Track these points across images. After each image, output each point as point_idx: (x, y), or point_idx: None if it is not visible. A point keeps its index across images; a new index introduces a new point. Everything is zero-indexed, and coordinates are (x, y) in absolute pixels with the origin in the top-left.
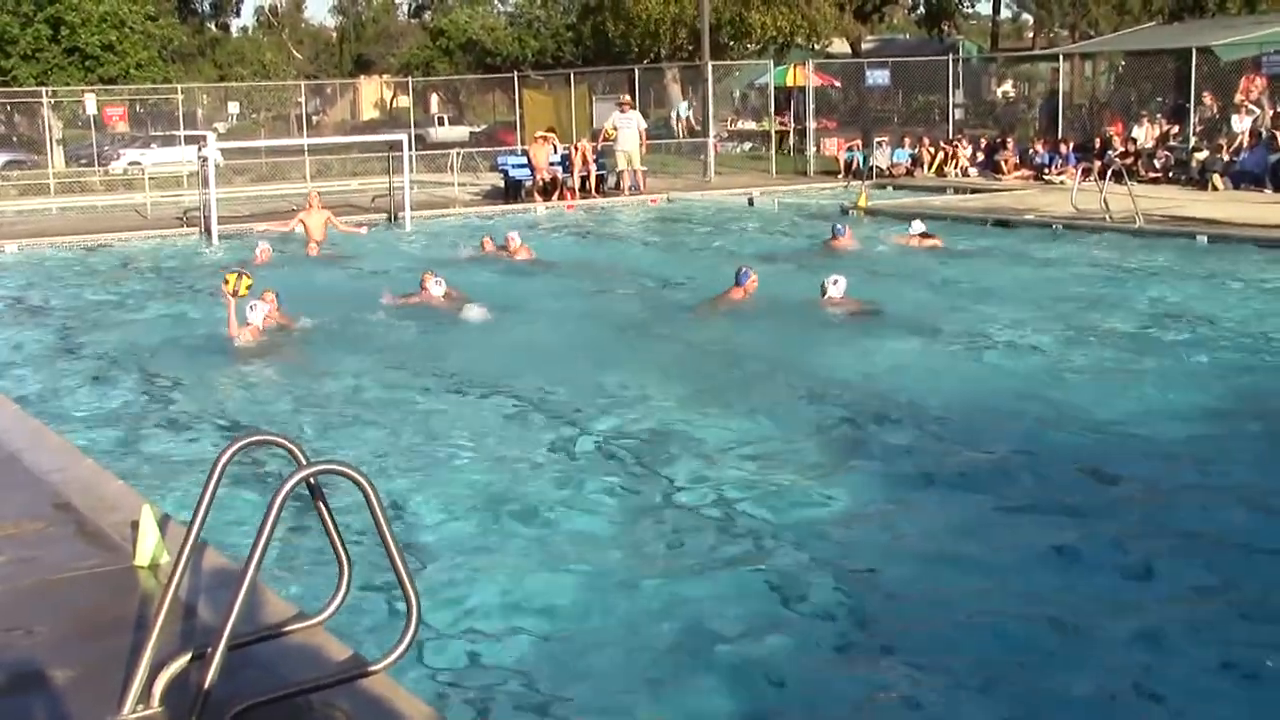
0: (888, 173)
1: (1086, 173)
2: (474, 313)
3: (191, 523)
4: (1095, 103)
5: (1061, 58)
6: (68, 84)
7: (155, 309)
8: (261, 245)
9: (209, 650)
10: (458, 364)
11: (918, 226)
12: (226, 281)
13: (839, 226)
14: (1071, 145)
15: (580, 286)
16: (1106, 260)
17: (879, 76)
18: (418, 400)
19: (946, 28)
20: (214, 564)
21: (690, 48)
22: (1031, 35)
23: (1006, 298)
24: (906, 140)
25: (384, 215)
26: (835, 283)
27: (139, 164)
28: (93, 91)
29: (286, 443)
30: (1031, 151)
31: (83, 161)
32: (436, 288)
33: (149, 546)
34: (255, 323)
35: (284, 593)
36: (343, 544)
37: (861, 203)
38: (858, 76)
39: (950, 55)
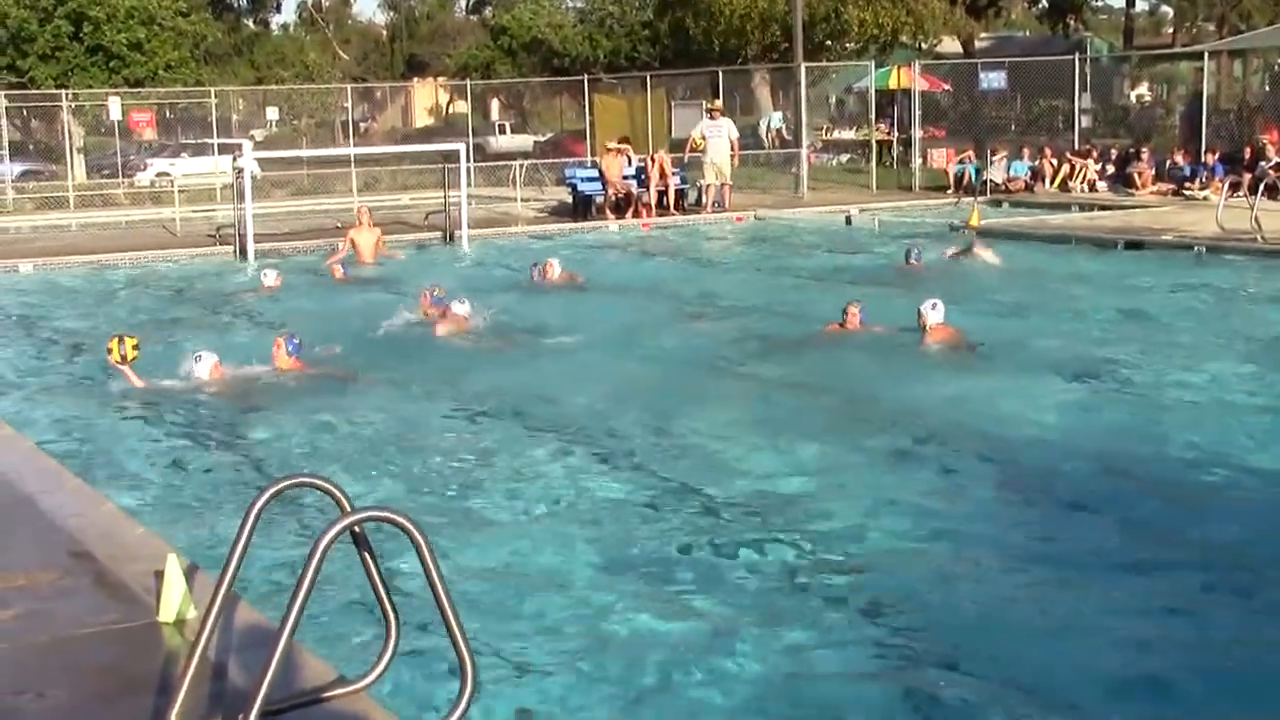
0: (1003, 188)
1: (1235, 187)
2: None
3: (222, 574)
4: (1246, 107)
5: (1206, 56)
6: (90, 86)
7: (184, 337)
8: (270, 272)
9: (240, 717)
10: (503, 399)
11: (953, 250)
12: (110, 351)
13: (915, 250)
14: (1217, 156)
15: (652, 314)
16: (1257, 288)
17: (994, 79)
18: (458, 439)
19: (1072, 23)
20: (247, 620)
21: (781, 47)
22: (1171, 30)
23: (1137, 328)
24: (1025, 151)
25: (439, 234)
26: (934, 307)
27: (168, 175)
28: (117, 95)
29: (329, 486)
30: (1170, 163)
31: (105, 172)
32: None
33: (175, 600)
34: (202, 375)
35: (324, 653)
36: (390, 600)
37: (973, 222)
38: (970, 79)
39: (1076, 54)
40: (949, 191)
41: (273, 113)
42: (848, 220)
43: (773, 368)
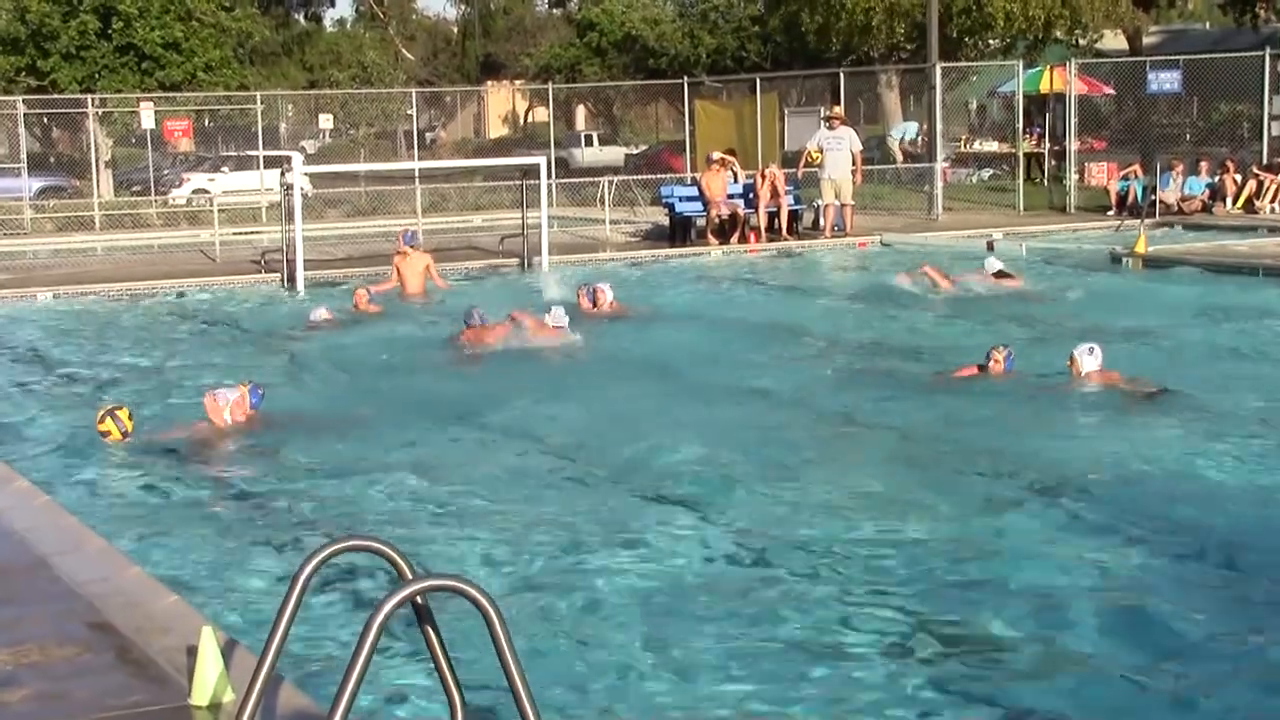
0: (1176, 208)
1: None
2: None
3: (264, 651)
4: None
5: None
6: (119, 90)
7: (222, 378)
8: (321, 307)
9: None
10: (569, 444)
11: (993, 265)
12: (107, 435)
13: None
14: None
15: (761, 355)
16: None
17: (1167, 80)
18: (522, 493)
19: (1261, 13)
20: (292, 705)
21: (911, 46)
22: None
23: None
24: (1203, 165)
25: (516, 260)
26: (1090, 352)
27: (206, 192)
28: (150, 100)
29: (388, 550)
30: None
31: (136, 189)
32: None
33: (210, 680)
34: (223, 419)
35: None
36: (455, 679)
37: (1139, 248)
38: (1137, 80)
39: (1266, 49)
40: (1110, 212)
41: (326, 121)
42: (990, 246)
43: (901, 419)
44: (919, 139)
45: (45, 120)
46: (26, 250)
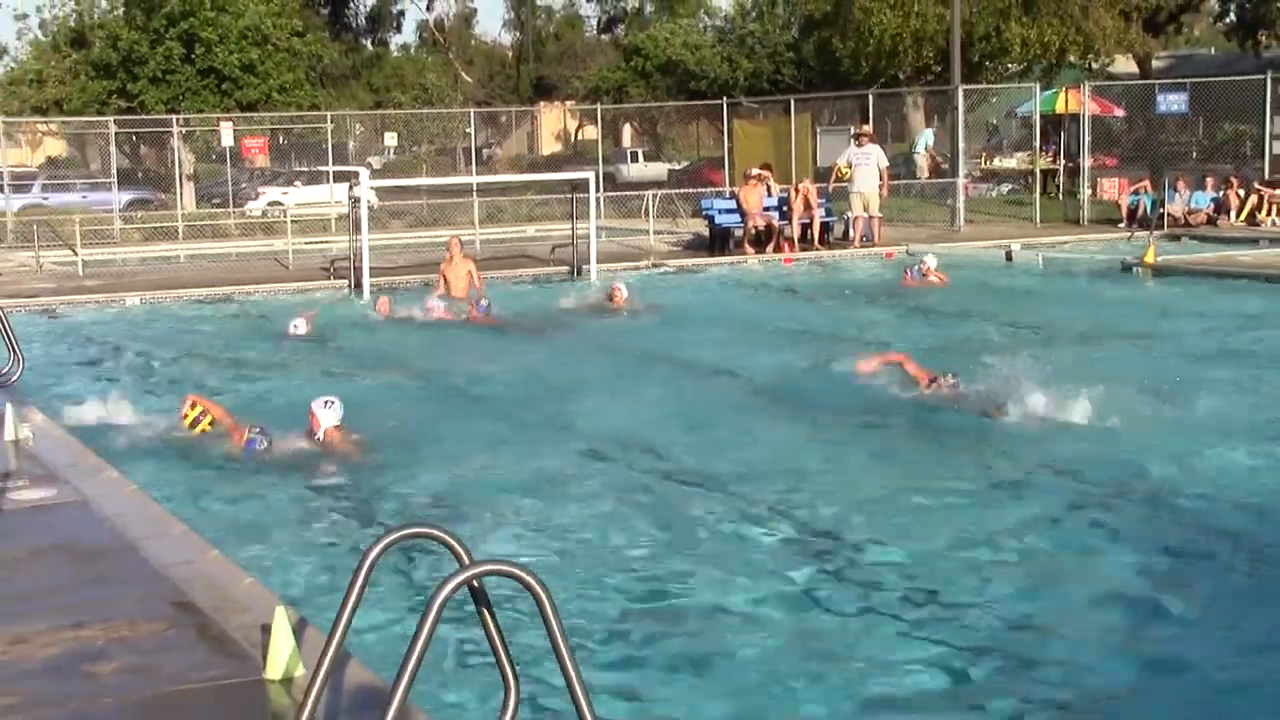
0: (1184, 221)
1: None
2: None
3: (333, 629)
4: None
5: None
6: (201, 110)
7: (295, 377)
8: (300, 321)
9: None
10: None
11: (932, 261)
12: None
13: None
14: None
15: (798, 358)
16: None
17: (1174, 101)
18: (575, 488)
19: (1263, 39)
20: (359, 680)
21: (936, 69)
22: None
23: None
24: (1209, 181)
25: (565, 268)
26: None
27: (280, 205)
28: (229, 119)
29: (447, 537)
30: None
31: (216, 201)
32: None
33: (283, 656)
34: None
35: (440, 717)
36: (510, 660)
37: (1149, 259)
38: (1146, 101)
39: (1269, 73)
40: (1121, 225)
41: (391, 139)
42: (1008, 256)
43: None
44: (932, 145)
45: (134, 138)
46: (116, 258)
